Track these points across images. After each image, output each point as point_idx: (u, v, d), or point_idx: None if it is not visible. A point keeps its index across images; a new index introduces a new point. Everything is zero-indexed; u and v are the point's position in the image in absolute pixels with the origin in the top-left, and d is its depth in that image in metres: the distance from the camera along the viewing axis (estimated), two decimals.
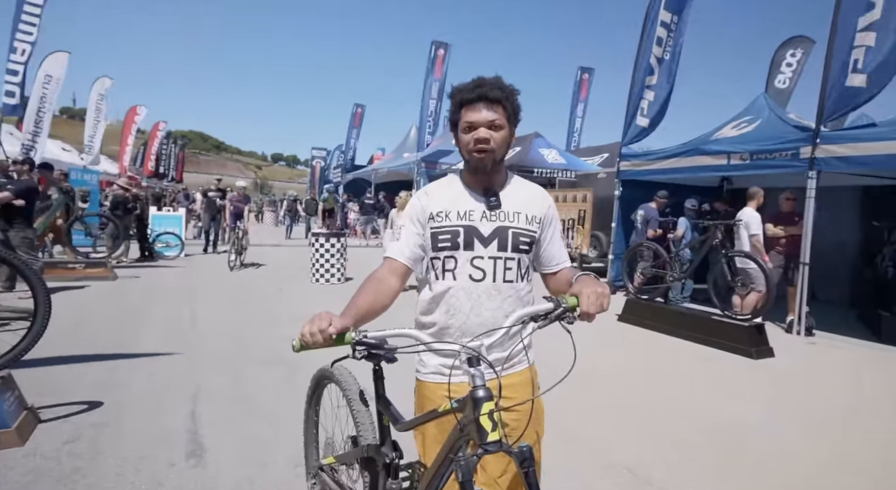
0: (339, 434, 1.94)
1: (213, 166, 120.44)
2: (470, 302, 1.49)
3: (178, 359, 4.30)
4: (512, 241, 1.51)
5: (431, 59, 16.73)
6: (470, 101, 1.44)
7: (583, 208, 9.67)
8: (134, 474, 2.51)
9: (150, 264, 10.12)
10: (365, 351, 1.20)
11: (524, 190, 1.61)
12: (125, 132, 22.90)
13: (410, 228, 1.56)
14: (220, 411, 3.29)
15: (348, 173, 24.13)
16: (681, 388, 4.24)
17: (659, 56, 8.74)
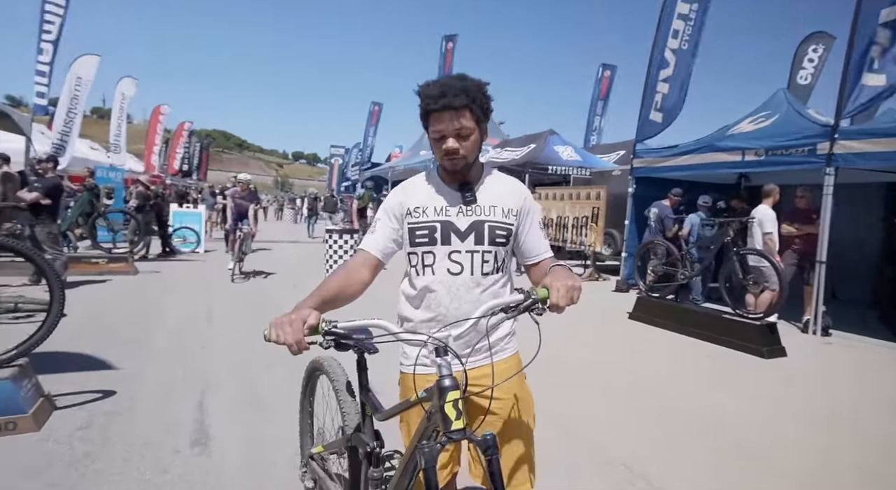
0: (331, 424, 2.00)
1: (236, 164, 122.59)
2: (449, 295, 1.52)
3: (190, 352, 4.43)
4: (489, 235, 1.53)
5: (442, 53, 16.76)
6: (435, 110, 1.44)
7: (596, 206, 9.57)
8: (140, 460, 2.61)
9: (170, 259, 10.39)
10: (332, 340, 1.24)
11: (500, 183, 1.62)
12: (150, 131, 23.53)
13: (385, 223, 1.59)
14: (227, 403, 3.39)
15: (366, 171, 24.29)
16: (685, 385, 4.20)
17: (675, 48, 8.60)
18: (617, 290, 8.58)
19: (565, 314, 1.31)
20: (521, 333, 1.68)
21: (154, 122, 23.65)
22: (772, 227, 5.95)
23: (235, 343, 4.72)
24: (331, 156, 33.96)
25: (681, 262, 6.53)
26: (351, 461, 1.71)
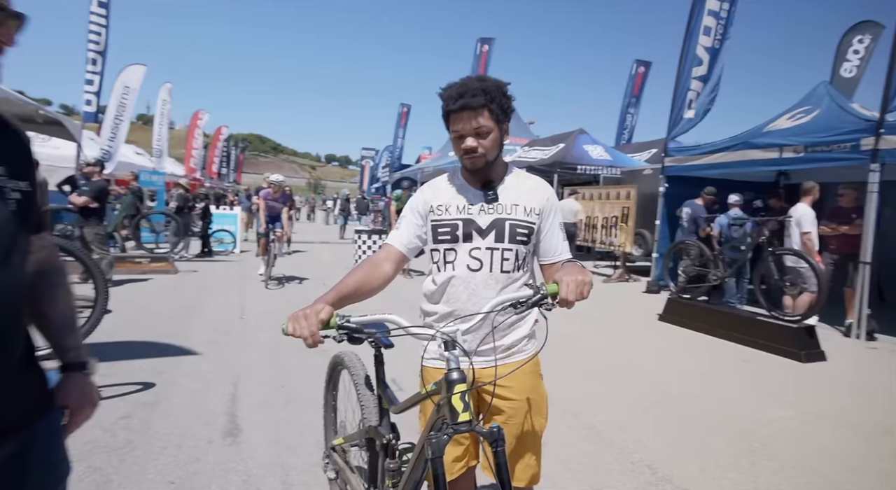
0: (352, 416, 2.07)
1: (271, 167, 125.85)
2: (467, 291, 1.55)
3: (225, 347, 4.61)
4: (509, 233, 1.55)
5: (476, 56, 16.78)
6: (454, 110, 1.49)
7: (626, 205, 9.41)
8: (176, 449, 2.75)
9: (207, 259, 10.80)
10: (344, 334, 1.29)
11: (523, 182, 1.65)
12: (190, 136, 24.47)
13: (410, 219, 1.64)
14: (258, 396, 3.52)
15: (395, 172, 24.56)
16: (715, 388, 4.09)
17: (707, 46, 8.39)
18: (647, 291, 8.41)
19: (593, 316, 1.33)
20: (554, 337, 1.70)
21: (193, 127, 24.58)
22: (811, 226, 5.73)
23: (266, 339, 4.88)
24: (362, 158, 34.49)
25: (713, 263, 6.35)
26: (369, 453, 1.77)
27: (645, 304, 7.50)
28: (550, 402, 3.46)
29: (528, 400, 1.60)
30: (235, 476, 2.51)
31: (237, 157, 36.99)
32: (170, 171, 20.39)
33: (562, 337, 5.51)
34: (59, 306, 1.17)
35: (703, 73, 8.45)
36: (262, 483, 2.46)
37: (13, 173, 0.97)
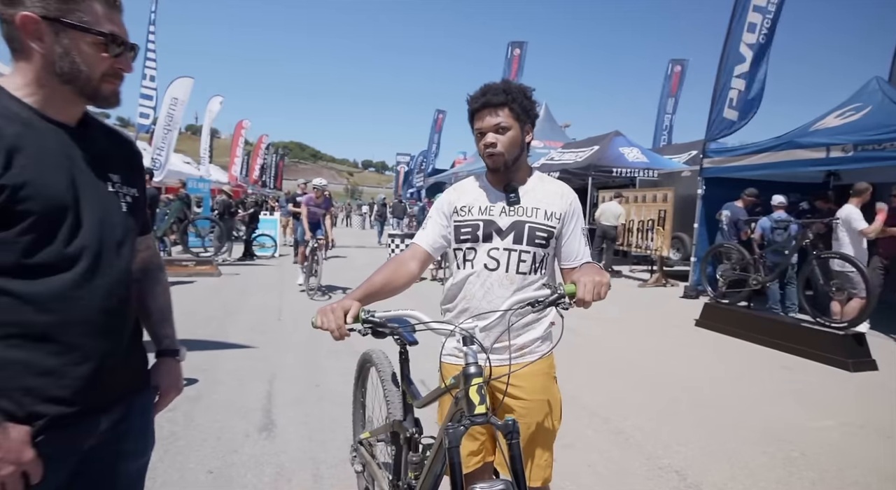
0: (379, 412, 2.14)
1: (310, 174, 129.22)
2: (483, 289, 1.60)
3: (262, 346, 4.80)
4: (528, 235, 1.59)
5: (508, 59, 16.79)
6: (476, 110, 1.57)
7: (663, 208, 9.19)
8: (216, 441, 2.90)
9: (249, 263, 11.21)
10: (369, 328, 1.36)
11: (546, 186, 1.68)
12: (234, 145, 25.49)
13: (436, 220, 1.71)
14: (292, 394, 3.65)
15: (430, 177, 24.80)
16: (751, 394, 3.97)
17: (751, 42, 8.11)
18: (685, 296, 8.18)
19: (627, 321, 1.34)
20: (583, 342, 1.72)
21: (237, 135, 25.59)
22: (863, 223, 5.43)
23: (301, 339, 5.05)
24: (397, 163, 34.99)
25: (753, 267, 6.12)
26: (394, 446, 1.84)
27: (682, 309, 7.30)
28: (578, 406, 3.46)
29: (540, 401, 1.62)
30: (269, 468, 2.63)
31: (278, 164, 38.20)
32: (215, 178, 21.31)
33: (593, 341, 5.45)
34: (159, 299, 1.35)
35: (745, 71, 8.18)
36: (294, 475, 2.57)
37: (126, 180, 1.14)
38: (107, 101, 1.06)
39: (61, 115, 1.03)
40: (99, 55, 1.00)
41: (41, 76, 0.98)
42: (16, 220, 0.93)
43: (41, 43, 0.96)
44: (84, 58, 0.99)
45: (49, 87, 0.99)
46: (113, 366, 1.07)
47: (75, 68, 0.98)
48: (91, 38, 0.98)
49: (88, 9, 0.97)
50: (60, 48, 0.97)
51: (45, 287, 0.97)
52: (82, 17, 0.97)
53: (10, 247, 0.94)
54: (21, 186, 0.93)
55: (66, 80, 0.99)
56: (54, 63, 0.97)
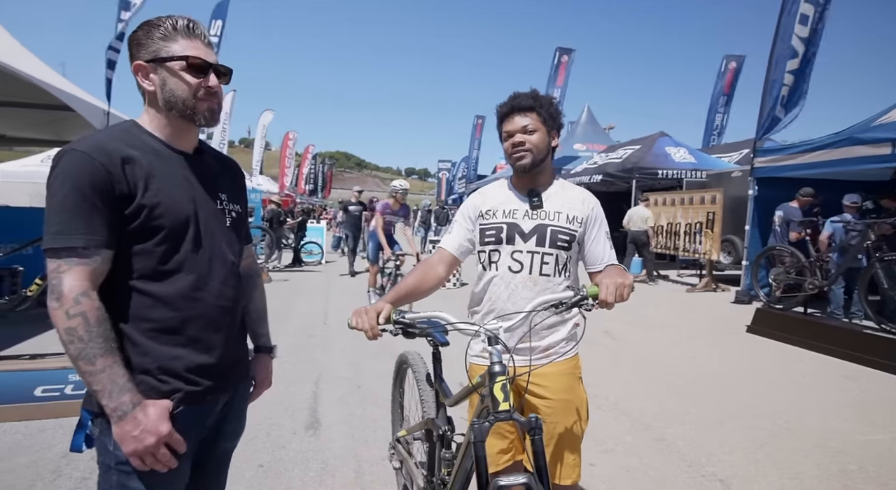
0: (416, 411, 2.23)
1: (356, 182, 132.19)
2: (507, 290, 1.66)
3: (309, 349, 5.02)
4: (550, 238, 1.64)
5: (554, 65, 16.65)
6: (505, 114, 1.65)
7: (712, 210, 8.86)
8: (265, 437, 3.08)
9: (297, 269, 11.65)
10: (400, 328, 1.45)
11: (568, 192, 1.73)
12: (282, 155, 26.57)
13: (462, 224, 1.79)
14: (336, 394, 3.81)
15: (471, 183, 24.90)
16: (806, 404, 3.78)
17: (804, 36, 7.74)
18: (737, 301, 7.84)
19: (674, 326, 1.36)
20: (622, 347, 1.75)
21: (285, 147, 26.67)
22: None
23: (346, 341, 5.23)
24: (439, 170, 35.31)
25: (809, 271, 5.81)
26: (428, 443, 1.92)
27: (733, 314, 7.01)
28: (618, 411, 3.45)
29: (565, 400, 1.65)
30: (315, 463, 2.77)
31: (325, 174, 39.43)
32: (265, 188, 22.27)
33: (636, 346, 5.35)
34: (257, 301, 1.54)
35: (797, 67, 7.80)
36: (338, 471, 2.70)
37: (232, 198, 1.34)
38: (205, 119, 1.23)
39: (181, 145, 1.23)
40: (185, 78, 1.18)
41: (158, 112, 1.20)
42: (153, 233, 1.13)
43: (150, 82, 1.18)
44: (175, 83, 1.17)
45: (165, 119, 1.21)
46: (226, 355, 1.26)
47: (173, 94, 1.18)
48: (176, 65, 1.17)
49: (174, 44, 1.17)
50: (160, 81, 1.17)
51: (173, 288, 1.16)
52: (170, 52, 1.17)
53: (149, 255, 1.13)
54: (157, 206, 1.12)
55: (170, 106, 1.19)
56: (161, 95, 1.18)
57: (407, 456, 2.15)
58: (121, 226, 1.10)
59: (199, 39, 1.21)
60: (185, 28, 1.19)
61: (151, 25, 1.18)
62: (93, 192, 1.05)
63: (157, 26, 1.17)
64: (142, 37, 1.17)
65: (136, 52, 1.18)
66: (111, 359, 1.05)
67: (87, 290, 1.05)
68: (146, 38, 1.17)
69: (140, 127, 1.20)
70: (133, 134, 1.18)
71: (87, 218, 1.05)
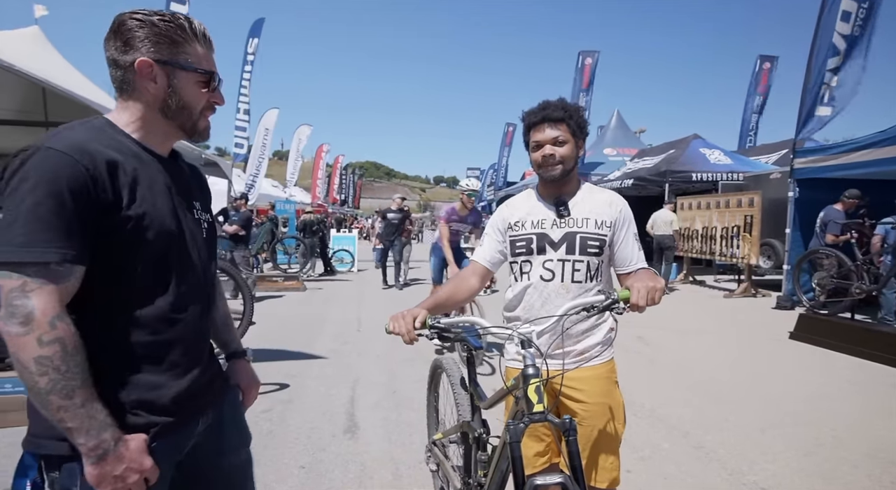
0: (451, 414, 2.28)
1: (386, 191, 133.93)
2: (541, 299, 1.71)
3: (345, 355, 5.14)
4: (580, 245, 1.68)
5: (579, 69, 16.57)
6: (535, 123, 1.69)
7: (749, 214, 8.61)
8: (306, 439, 3.19)
9: (330, 278, 11.92)
10: (435, 333, 1.51)
11: (595, 197, 1.76)
12: (315, 167, 27.23)
13: (492, 236, 1.84)
14: (372, 399, 3.90)
15: (500, 190, 24.90)
16: (854, 412, 3.64)
17: (846, 33, 7.50)
18: (778, 306, 7.58)
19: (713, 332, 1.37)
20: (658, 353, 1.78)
21: (318, 159, 27.32)
22: None
23: (381, 347, 5.33)
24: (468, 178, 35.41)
25: (856, 274, 5.59)
26: (464, 446, 1.97)
27: (774, 320, 6.78)
28: (655, 418, 3.43)
29: (601, 404, 1.68)
30: (354, 466, 2.86)
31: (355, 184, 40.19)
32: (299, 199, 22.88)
33: (673, 353, 5.25)
34: (220, 308, 1.42)
35: (839, 64, 7.55)
36: (376, 473, 2.77)
37: (204, 207, 1.25)
38: (201, 134, 1.16)
39: (159, 149, 1.12)
40: (200, 91, 1.11)
41: (147, 113, 1.08)
42: (135, 247, 1.00)
43: (154, 84, 1.06)
44: (189, 94, 1.10)
45: (153, 122, 1.09)
46: (201, 375, 1.15)
47: (182, 104, 1.09)
48: (195, 77, 1.10)
49: (192, 51, 1.09)
50: (171, 87, 1.07)
51: (153, 309, 1.04)
52: (188, 58, 1.08)
53: (127, 272, 1.01)
54: (142, 217, 1.00)
55: (172, 115, 1.09)
56: (164, 101, 1.07)
57: (443, 458, 2.20)
58: (96, 238, 0.95)
59: (212, 50, 1.14)
60: (204, 36, 1.11)
61: (166, 20, 1.06)
62: (72, 200, 0.91)
63: (173, 23, 1.06)
64: (155, 29, 1.04)
65: (141, 45, 1.04)
66: (88, 391, 0.91)
67: (62, 313, 0.91)
68: (159, 33, 1.05)
69: (114, 126, 1.06)
70: (109, 134, 1.04)
71: (62, 229, 0.90)
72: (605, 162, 16.38)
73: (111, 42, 1.05)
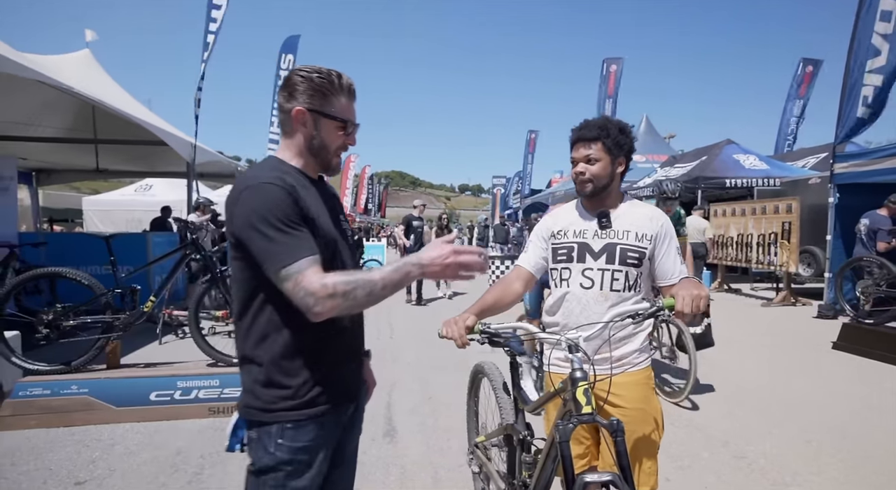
0: (491, 418, 2.34)
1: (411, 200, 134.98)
2: (580, 306, 1.76)
3: (380, 360, 5.24)
4: (620, 256, 1.73)
5: (603, 76, 16.51)
6: (573, 142, 1.78)
7: (787, 220, 8.39)
8: None
9: None
10: (486, 338, 1.59)
11: (636, 211, 1.82)
12: (343, 178, 27.79)
13: (536, 243, 1.92)
14: (409, 404, 3.98)
15: (526, 198, 24.84)
16: None
17: (886, 33, 7.29)
18: (819, 316, 7.36)
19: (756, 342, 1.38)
20: None
21: (346, 169, 27.87)
22: None
23: (414, 353, 5.43)
24: (493, 186, 35.45)
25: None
26: (507, 448, 2.03)
27: (816, 329, 6.59)
28: (693, 427, 3.44)
29: (639, 409, 1.71)
30: (394, 469, 2.94)
31: (381, 194, 40.74)
32: None
33: (711, 362, 5.17)
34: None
35: (882, 65, 7.34)
36: (416, 476, 2.85)
37: (345, 219, 1.47)
38: (334, 170, 1.41)
39: (313, 175, 1.38)
40: (337, 134, 1.35)
41: (301, 150, 1.34)
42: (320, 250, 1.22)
43: (304, 127, 1.32)
44: (328, 137, 1.34)
45: (305, 157, 1.35)
46: (356, 368, 1.44)
47: (323, 145, 1.34)
48: (336, 124, 1.33)
49: (337, 102, 1.33)
50: (316, 131, 1.32)
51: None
52: (332, 109, 1.32)
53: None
54: (320, 225, 1.27)
55: (314, 153, 1.35)
56: (310, 141, 1.33)
57: (486, 460, 2.26)
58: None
59: (354, 101, 1.37)
60: (349, 89, 1.34)
61: (323, 76, 1.30)
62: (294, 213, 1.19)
63: (328, 79, 1.30)
64: (311, 84, 1.29)
65: (300, 97, 1.29)
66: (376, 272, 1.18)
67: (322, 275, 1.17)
68: (314, 88, 1.29)
69: (283, 161, 1.33)
70: (284, 169, 1.30)
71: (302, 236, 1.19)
72: (634, 168, 16.19)
73: (281, 92, 1.33)
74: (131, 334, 3.99)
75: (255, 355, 1.28)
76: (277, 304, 1.24)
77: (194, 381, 3.55)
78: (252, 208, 1.17)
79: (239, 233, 1.20)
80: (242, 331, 1.30)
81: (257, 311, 1.27)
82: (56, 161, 10.26)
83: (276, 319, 1.26)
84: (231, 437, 1.30)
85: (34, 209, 11.22)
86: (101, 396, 3.40)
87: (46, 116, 8.01)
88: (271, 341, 1.27)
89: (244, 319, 1.29)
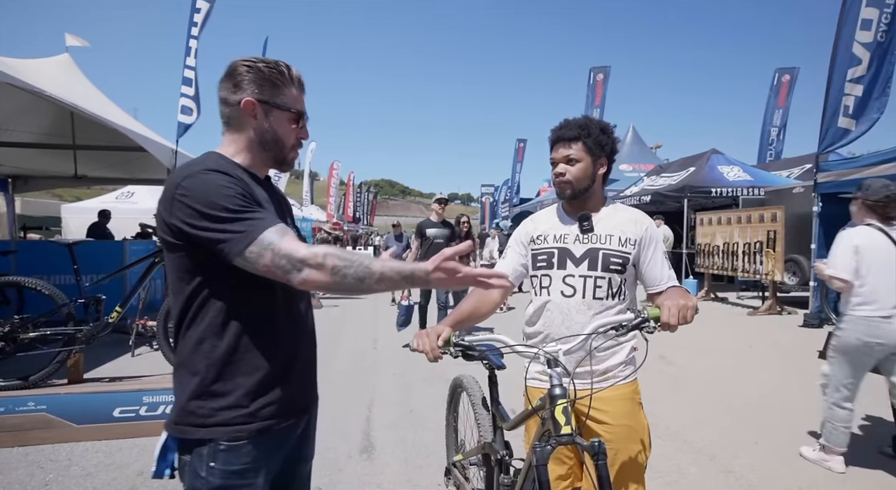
0: (471, 435, 2.22)
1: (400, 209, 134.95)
2: (561, 315, 1.66)
3: (361, 373, 5.09)
4: (602, 261, 1.64)
5: (591, 85, 16.63)
6: (552, 142, 1.69)
7: (772, 229, 8.42)
8: (321, 462, 3.08)
9: (346, 296, 11.92)
10: (459, 351, 1.47)
11: (619, 214, 1.72)
12: (328, 184, 27.65)
13: (515, 250, 1.82)
14: (388, 418, 3.83)
15: (515, 207, 24.86)
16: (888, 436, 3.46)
17: (866, 41, 7.38)
18: (805, 324, 7.35)
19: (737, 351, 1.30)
20: None
21: (330, 176, 27.74)
22: None
23: (396, 365, 5.28)
24: (482, 194, 35.51)
25: None
26: (485, 468, 1.90)
27: (801, 338, 6.57)
28: (680, 441, 3.32)
29: (625, 425, 1.61)
30: (370, 487, 2.80)
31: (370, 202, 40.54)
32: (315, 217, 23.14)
33: (697, 373, 5.10)
34: None
35: (862, 74, 7.42)
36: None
37: (293, 220, 1.39)
38: (289, 166, 1.33)
39: (260, 174, 1.29)
40: (290, 128, 1.27)
41: (249, 145, 1.25)
42: None
43: (254, 120, 1.22)
44: (281, 130, 1.25)
45: (253, 153, 1.25)
46: (307, 377, 1.33)
47: (276, 138, 1.25)
48: (288, 116, 1.25)
49: (288, 92, 1.25)
50: (267, 124, 1.23)
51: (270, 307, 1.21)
52: (284, 99, 1.24)
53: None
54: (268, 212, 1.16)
55: (267, 148, 1.25)
56: (262, 135, 1.24)
57: (463, 481, 2.14)
58: None
59: (303, 93, 1.29)
60: (299, 81, 1.27)
61: (270, 66, 1.23)
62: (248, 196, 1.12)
63: (276, 69, 1.23)
64: (260, 74, 1.21)
65: (248, 87, 1.20)
66: (377, 262, 1.09)
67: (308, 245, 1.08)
68: (263, 78, 1.21)
69: (225, 156, 1.22)
70: (227, 162, 1.20)
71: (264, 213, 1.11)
72: (621, 178, 16.29)
73: (224, 84, 1.23)
74: (101, 346, 3.82)
75: (190, 362, 1.15)
76: (218, 306, 1.14)
77: (162, 395, 3.37)
78: (198, 196, 1.07)
79: (182, 226, 1.08)
80: (180, 338, 1.18)
81: (195, 314, 1.15)
82: (33, 167, 9.98)
83: (217, 322, 1.14)
84: (159, 461, 1.16)
85: (10, 216, 10.88)
86: (60, 413, 3.20)
87: (23, 121, 7.78)
88: (209, 346, 1.14)
89: (182, 325, 1.17)
